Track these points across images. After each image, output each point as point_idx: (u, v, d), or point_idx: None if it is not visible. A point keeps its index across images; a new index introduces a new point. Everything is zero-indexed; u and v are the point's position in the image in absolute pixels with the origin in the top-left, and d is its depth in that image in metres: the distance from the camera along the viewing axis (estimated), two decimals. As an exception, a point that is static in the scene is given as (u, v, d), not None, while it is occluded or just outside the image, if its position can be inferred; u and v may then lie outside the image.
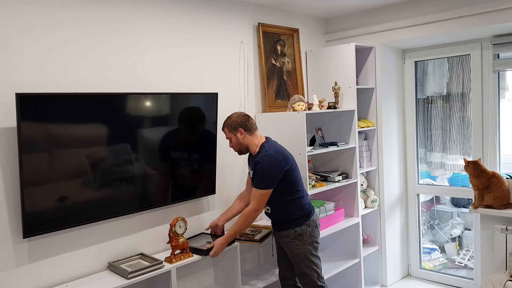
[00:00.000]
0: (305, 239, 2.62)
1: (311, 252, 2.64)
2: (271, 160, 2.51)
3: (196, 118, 2.81)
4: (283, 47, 3.46)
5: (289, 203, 2.62)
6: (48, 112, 2.09)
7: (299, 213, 2.63)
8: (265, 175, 2.51)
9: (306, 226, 2.63)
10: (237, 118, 2.62)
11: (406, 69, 3.99)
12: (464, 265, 4.01)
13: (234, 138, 2.62)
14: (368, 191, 3.79)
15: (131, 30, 2.56)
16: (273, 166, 2.51)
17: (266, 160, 2.51)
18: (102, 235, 2.44)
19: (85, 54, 2.35)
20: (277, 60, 3.40)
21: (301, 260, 2.63)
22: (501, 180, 3.07)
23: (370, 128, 3.72)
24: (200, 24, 2.94)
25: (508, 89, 3.60)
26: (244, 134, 2.60)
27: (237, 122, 2.61)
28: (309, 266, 2.63)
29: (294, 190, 2.62)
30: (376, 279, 3.90)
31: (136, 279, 2.26)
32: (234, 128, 2.61)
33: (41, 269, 2.20)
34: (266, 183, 2.52)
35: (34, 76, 2.15)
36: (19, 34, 2.10)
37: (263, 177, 2.52)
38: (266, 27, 3.30)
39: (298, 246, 2.62)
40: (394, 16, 3.56)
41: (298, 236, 2.61)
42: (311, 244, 2.64)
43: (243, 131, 2.60)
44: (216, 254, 2.57)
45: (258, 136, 2.66)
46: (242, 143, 2.62)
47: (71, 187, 2.21)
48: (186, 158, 2.76)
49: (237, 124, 2.61)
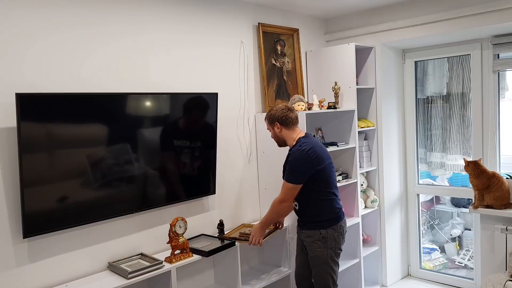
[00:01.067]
0: (329, 243, 2.56)
1: (332, 257, 2.59)
2: (304, 156, 2.49)
3: (197, 118, 2.81)
4: (283, 47, 3.45)
5: (318, 204, 2.57)
6: (48, 112, 2.09)
7: (327, 216, 2.58)
8: (294, 169, 2.51)
9: (332, 231, 2.57)
10: (275, 112, 2.63)
11: (406, 69, 3.99)
12: (464, 265, 4.02)
13: (272, 131, 2.68)
14: (368, 191, 3.79)
15: (132, 31, 2.55)
16: (304, 162, 2.49)
17: (298, 155, 2.50)
18: (102, 235, 2.44)
19: (87, 54, 2.35)
20: (277, 60, 3.39)
21: (320, 263, 2.59)
22: (501, 180, 3.06)
23: (370, 128, 3.72)
24: (200, 25, 2.94)
25: (508, 89, 3.60)
26: (280, 128, 2.62)
27: (274, 116, 2.62)
28: (327, 270, 2.59)
29: (325, 192, 2.57)
30: (376, 279, 3.90)
31: (136, 279, 2.26)
32: (271, 121, 2.65)
33: (41, 269, 2.20)
34: (294, 178, 2.51)
35: (37, 77, 2.16)
36: (22, 34, 2.11)
37: (292, 171, 2.52)
38: (266, 27, 3.30)
39: (320, 249, 2.57)
40: (394, 16, 3.56)
41: (322, 239, 2.56)
42: (333, 250, 2.58)
43: (279, 125, 2.62)
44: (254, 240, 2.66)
45: (297, 131, 2.65)
46: (279, 136, 2.65)
47: (71, 187, 2.21)
48: (186, 158, 2.76)
49: (274, 118, 2.63)
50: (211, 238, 2.85)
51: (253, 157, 3.33)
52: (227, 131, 3.12)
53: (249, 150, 3.30)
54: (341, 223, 2.62)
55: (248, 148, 3.29)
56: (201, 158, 2.85)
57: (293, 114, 2.64)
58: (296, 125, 2.66)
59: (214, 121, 2.88)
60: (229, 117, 3.14)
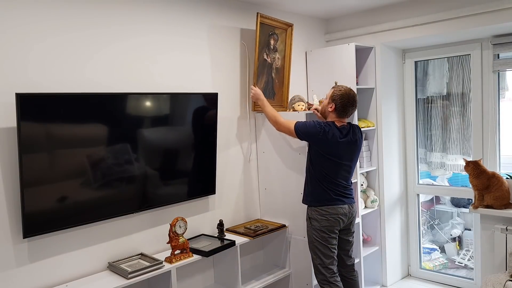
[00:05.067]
0: (313, 224, 2.71)
1: (316, 238, 2.70)
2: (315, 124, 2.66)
3: (197, 118, 2.81)
4: (276, 42, 3.34)
5: (315, 183, 2.72)
6: (48, 112, 2.09)
7: (318, 196, 2.71)
8: (306, 123, 2.71)
9: (316, 213, 2.70)
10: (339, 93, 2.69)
11: (406, 69, 3.99)
12: (464, 265, 4.02)
13: (325, 103, 2.78)
14: (368, 191, 3.79)
15: (133, 32, 2.55)
16: (313, 126, 2.66)
17: (318, 121, 2.70)
18: (102, 235, 2.44)
19: (91, 55, 2.36)
20: (269, 55, 3.33)
21: (309, 241, 2.77)
22: (501, 180, 3.06)
23: (370, 128, 3.72)
24: (201, 25, 2.94)
25: (508, 89, 3.60)
26: (332, 109, 2.71)
27: (336, 96, 2.69)
28: (314, 251, 2.74)
29: (323, 175, 2.69)
30: (376, 279, 3.90)
31: (136, 279, 2.26)
32: (333, 98, 2.71)
33: (41, 269, 2.20)
34: (300, 124, 2.70)
35: (40, 77, 2.16)
36: (24, 35, 2.11)
37: (304, 122, 2.73)
38: (264, 18, 3.19)
39: (308, 228, 2.77)
40: (394, 16, 3.56)
41: (309, 218, 2.75)
42: (317, 232, 2.70)
43: (333, 107, 2.70)
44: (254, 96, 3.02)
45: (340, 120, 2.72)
46: (325, 111, 2.80)
47: (71, 187, 2.21)
48: (186, 158, 2.76)
49: (335, 98, 2.70)
50: (211, 238, 2.85)
51: (253, 157, 3.33)
52: (227, 131, 3.12)
53: (249, 150, 3.30)
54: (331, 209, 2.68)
55: (248, 148, 3.29)
56: (201, 158, 2.85)
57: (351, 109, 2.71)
58: (344, 118, 2.73)
59: (214, 121, 2.88)
60: (229, 117, 3.14)
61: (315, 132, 2.65)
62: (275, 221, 3.25)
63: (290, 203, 3.16)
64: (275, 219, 3.26)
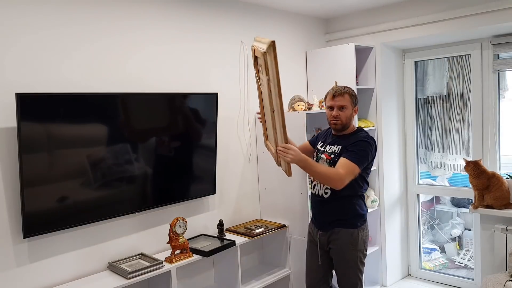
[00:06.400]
0: (359, 244, 2.40)
1: (361, 259, 2.44)
2: (373, 143, 2.38)
3: (197, 118, 2.81)
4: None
5: (355, 198, 2.41)
6: (48, 112, 2.09)
7: (361, 212, 2.43)
8: (364, 153, 2.32)
9: (362, 231, 2.42)
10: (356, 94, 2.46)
11: (406, 69, 3.99)
12: (464, 265, 4.02)
13: (348, 110, 2.42)
14: (368, 191, 3.79)
15: (132, 31, 2.55)
16: (372, 148, 2.37)
17: (369, 140, 2.36)
18: (102, 235, 2.44)
19: (70, 53, 2.32)
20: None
21: (350, 266, 2.41)
22: (501, 180, 3.07)
23: (370, 128, 3.72)
24: (201, 24, 2.94)
25: (508, 89, 3.60)
26: (356, 113, 2.47)
27: (357, 99, 2.46)
28: (357, 275, 2.43)
29: (364, 186, 2.44)
30: (376, 279, 3.90)
31: (136, 279, 2.26)
32: (355, 102, 2.45)
33: (41, 269, 2.20)
34: (360, 160, 2.30)
35: (19, 76, 2.13)
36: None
37: (361, 154, 2.31)
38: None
39: (351, 251, 2.39)
40: (394, 16, 3.56)
41: (354, 240, 2.38)
42: (362, 252, 2.44)
43: (357, 110, 2.47)
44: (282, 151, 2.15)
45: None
46: (350, 118, 2.44)
47: (71, 187, 2.21)
48: (186, 158, 2.76)
49: (357, 101, 2.47)
50: (211, 238, 2.85)
51: (253, 157, 3.33)
52: (227, 131, 3.12)
53: (249, 150, 3.30)
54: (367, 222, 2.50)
55: (248, 148, 3.29)
56: (201, 158, 2.84)
57: None
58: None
59: (214, 121, 2.88)
60: (229, 117, 3.14)
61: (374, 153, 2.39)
62: (275, 221, 3.25)
63: (290, 203, 3.16)
64: (275, 219, 3.26)
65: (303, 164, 2.22)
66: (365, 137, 2.39)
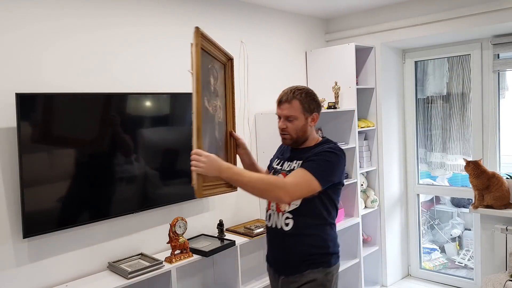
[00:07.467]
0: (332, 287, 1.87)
1: None
2: (342, 156, 1.82)
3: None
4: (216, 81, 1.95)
5: (327, 228, 1.85)
6: (48, 112, 2.09)
7: (333, 246, 1.87)
8: (328, 165, 1.75)
9: (335, 269, 1.87)
10: (315, 97, 1.88)
11: (406, 69, 3.99)
12: (464, 265, 4.02)
13: (299, 121, 1.84)
14: (368, 191, 3.79)
15: (132, 31, 2.56)
16: (341, 163, 1.81)
17: (337, 152, 1.80)
18: (102, 235, 2.44)
19: (92, 54, 2.35)
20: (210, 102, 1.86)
21: None
22: (501, 180, 3.07)
23: (370, 128, 3.72)
24: (200, 24, 2.94)
25: (508, 89, 3.60)
26: (315, 122, 1.88)
27: (315, 103, 1.87)
28: None
29: (333, 213, 1.88)
30: (376, 279, 3.90)
31: (136, 279, 2.26)
32: (310, 109, 1.85)
33: (41, 269, 2.19)
34: (321, 173, 1.73)
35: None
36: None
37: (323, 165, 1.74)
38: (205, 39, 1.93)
39: None
40: (394, 16, 3.56)
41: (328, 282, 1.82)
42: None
43: (316, 119, 1.87)
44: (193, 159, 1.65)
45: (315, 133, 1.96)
46: (302, 131, 1.86)
47: (71, 187, 2.20)
48: (186, 158, 2.75)
49: (314, 106, 1.86)
50: (211, 238, 2.85)
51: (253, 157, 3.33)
52: (227, 131, 3.12)
53: (249, 150, 3.29)
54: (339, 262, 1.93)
55: (248, 148, 3.28)
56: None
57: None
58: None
59: (214, 121, 2.88)
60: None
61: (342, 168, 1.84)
62: (275, 221, 3.24)
63: (290, 203, 3.16)
64: (275, 219, 3.26)
65: (227, 175, 1.66)
66: (332, 148, 1.83)
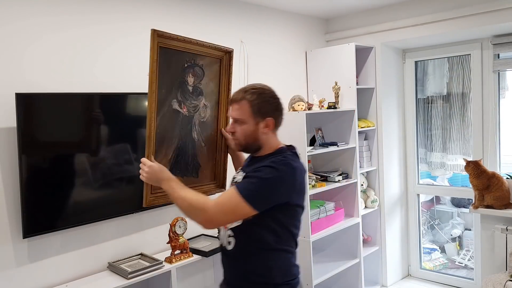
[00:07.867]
0: None
1: None
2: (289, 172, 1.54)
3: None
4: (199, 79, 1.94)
5: (270, 254, 1.57)
6: (48, 112, 2.09)
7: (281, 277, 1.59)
8: (263, 185, 1.50)
9: None
10: (272, 99, 1.63)
11: (406, 69, 3.99)
12: (464, 265, 4.02)
13: (248, 126, 1.62)
14: (368, 191, 3.79)
15: (132, 31, 2.56)
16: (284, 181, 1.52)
17: (283, 168, 1.53)
18: (102, 235, 2.44)
19: (92, 54, 2.35)
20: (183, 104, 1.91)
21: None
22: (501, 180, 3.07)
23: (370, 128, 3.72)
24: (200, 24, 2.94)
25: (508, 89, 3.60)
26: (270, 129, 1.63)
27: (271, 106, 1.63)
28: None
29: (286, 238, 1.60)
30: (376, 279, 3.90)
31: (136, 279, 2.26)
32: (261, 112, 1.61)
33: (41, 269, 2.20)
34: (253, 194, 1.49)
35: (37, 77, 2.15)
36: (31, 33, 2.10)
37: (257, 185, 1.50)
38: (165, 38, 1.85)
39: None
40: (394, 16, 3.56)
41: None
42: None
43: (271, 124, 1.62)
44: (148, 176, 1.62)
45: (277, 139, 1.70)
46: (252, 137, 1.63)
47: (71, 187, 2.21)
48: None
49: (269, 110, 1.62)
50: (211, 238, 2.85)
51: (253, 157, 3.33)
52: (227, 131, 3.12)
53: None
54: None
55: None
56: (201, 158, 2.84)
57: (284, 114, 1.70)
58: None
59: (214, 121, 2.87)
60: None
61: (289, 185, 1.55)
62: (275, 221, 3.24)
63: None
64: (275, 219, 3.26)
65: (164, 187, 1.60)
66: (275, 162, 1.53)
